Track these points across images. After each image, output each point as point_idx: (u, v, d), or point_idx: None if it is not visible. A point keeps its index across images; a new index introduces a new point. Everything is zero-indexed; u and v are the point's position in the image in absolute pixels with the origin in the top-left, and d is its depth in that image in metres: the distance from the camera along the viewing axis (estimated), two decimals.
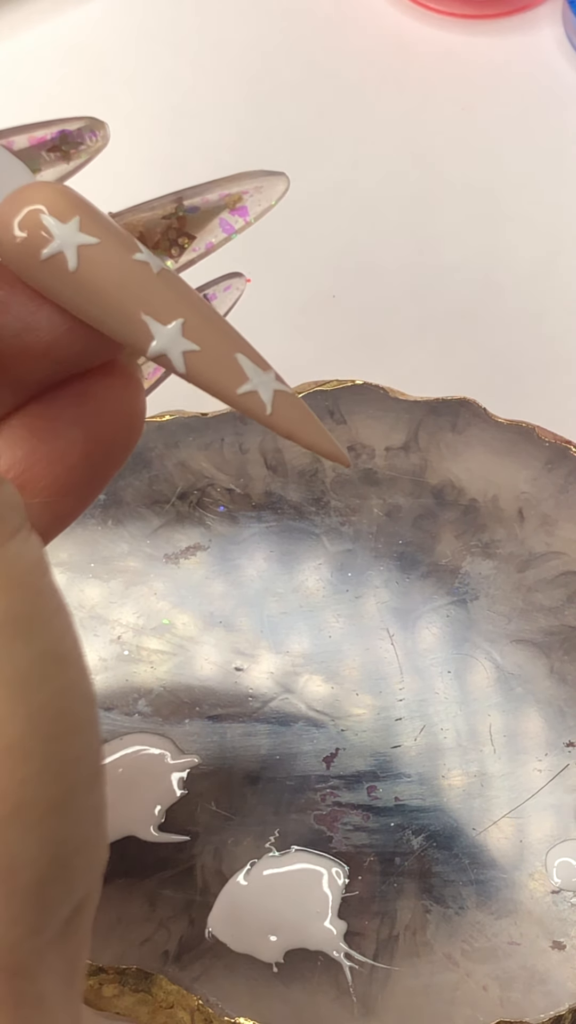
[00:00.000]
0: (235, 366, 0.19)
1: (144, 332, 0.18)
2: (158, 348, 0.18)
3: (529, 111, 0.45)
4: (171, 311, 0.18)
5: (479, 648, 0.31)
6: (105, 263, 0.18)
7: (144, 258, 0.18)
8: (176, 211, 0.21)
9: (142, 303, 0.18)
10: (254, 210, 0.22)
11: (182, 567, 0.32)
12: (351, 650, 0.31)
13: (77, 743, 0.16)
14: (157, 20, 0.47)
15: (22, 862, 0.15)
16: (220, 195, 0.21)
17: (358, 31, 0.47)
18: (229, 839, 0.29)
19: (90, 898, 0.17)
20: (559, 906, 0.28)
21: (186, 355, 0.18)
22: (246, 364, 0.19)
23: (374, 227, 0.42)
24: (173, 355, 0.18)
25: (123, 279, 0.18)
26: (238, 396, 0.19)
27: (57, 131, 0.21)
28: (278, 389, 0.19)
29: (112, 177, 0.43)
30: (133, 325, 0.18)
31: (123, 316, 0.18)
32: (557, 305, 0.40)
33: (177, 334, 0.18)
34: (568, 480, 0.33)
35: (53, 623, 0.17)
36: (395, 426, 0.33)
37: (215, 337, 0.18)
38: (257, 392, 0.19)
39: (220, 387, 0.18)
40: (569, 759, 0.29)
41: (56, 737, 0.16)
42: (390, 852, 0.28)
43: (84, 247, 0.18)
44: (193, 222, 0.21)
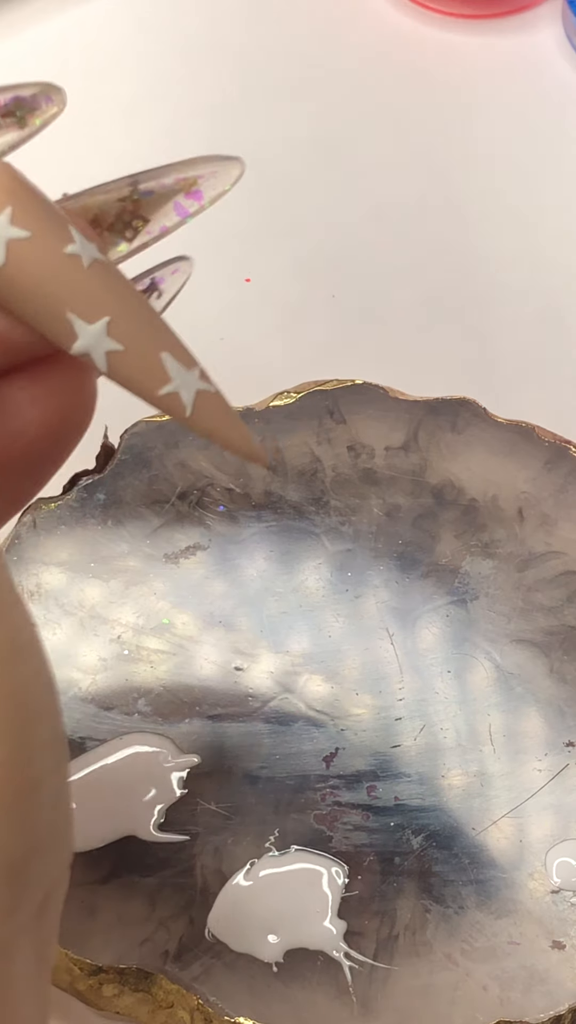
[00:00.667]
0: (158, 366, 0.18)
1: (68, 331, 0.18)
2: (81, 347, 0.18)
3: (529, 111, 0.45)
4: (97, 309, 0.18)
5: (479, 648, 0.31)
6: (34, 259, 0.18)
7: (76, 250, 0.18)
8: (131, 194, 0.21)
9: (68, 301, 0.18)
10: (208, 194, 0.21)
11: (182, 567, 0.32)
12: (351, 650, 0.31)
13: (43, 730, 0.16)
14: (157, 20, 0.47)
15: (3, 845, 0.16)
16: (175, 179, 0.21)
17: (358, 31, 0.47)
18: (229, 839, 0.29)
19: (58, 886, 0.17)
20: (559, 906, 0.28)
21: (109, 355, 0.18)
22: (170, 363, 0.19)
23: (374, 227, 0.42)
24: (96, 355, 0.18)
25: (51, 276, 0.18)
26: (159, 397, 0.19)
27: (11, 96, 0.21)
28: (201, 389, 0.19)
29: (109, 177, 0.43)
30: (57, 323, 0.18)
31: (48, 314, 0.18)
32: (557, 305, 0.40)
33: (101, 333, 0.18)
34: (568, 480, 0.33)
35: (12, 615, 0.17)
36: (395, 426, 0.33)
37: (141, 336, 0.18)
38: (178, 393, 0.19)
39: (141, 388, 0.18)
40: (569, 759, 0.29)
41: (23, 724, 0.16)
42: (390, 852, 0.28)
43: (14, 241, 0.17)
44: (147, 205, 0.21)
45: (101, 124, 0.45)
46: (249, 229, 0.42)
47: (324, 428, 0.33)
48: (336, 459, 0.33)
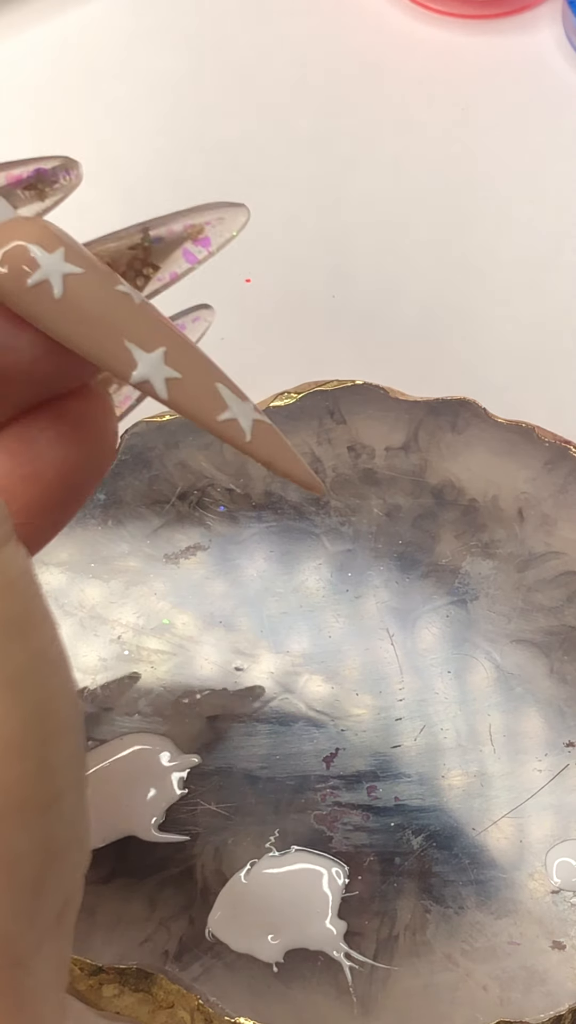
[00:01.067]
0: (215, 394, 0.19)
1: (127, 359, 0.18)
2: (141, 375, 0.19)
3: (529, 111, 0.45)
4: (153, 339, 0.19)
5: (479, 648, 0.31)
6: (89, 291, 0.18)
7: (126, 290, 0.19)
8: (142, 241, 0.22)
9: (126, 331, 0.18)
10: (216, 240, 0.22)
11: (182, 567, 0.32)
12: (351, 650, 0.31)
13: (68, 744, 0.17)
14: (157, 20, 0.47)
15: (21, 856, 0.16)
16: (184, 225, 0.22)
17: (358, 31, 0.47)
18: (229, 839, 0.29)
19: (76, 895, 0.18)
20: (559, 906, 0.28)
21: (168, 382, 0.19)
22: (225, 393, 0.19)
23: (374, 227, 0.42)
24: (156, 382, 0.19)
25: (107, 307, 0.18)
26: (218, 423, 0.19)
27: (33, 169, 0.22)
28: (257, 419, 0.20)
29: (112, 176, 0.43)
30: (117, 352, 0.18)
31: (107, 343, 0.18)
32: (557, 305, 0.40)
33: (159, 362, 0.19)
34: (568, 480, 0.33)
35: (44, 628, 0.17)
36: (395, 426, 0.33)
37: (196, 366, 0.19)
38: (237, 420, 0.19)
39: (201, 414, 0.19)
40: (569, 759, 0.29)
41: (49, 737, 0.16)
42: (390, 852, 0.28)
43: (69, 276, 0.18)
44: (157, 252, 0.22)
45: (101, 124, 0.45)
46: (249, 229, 0.42)
47: (324, 428, 0.33)
48: (336, 459, 0.33)
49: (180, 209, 0.22)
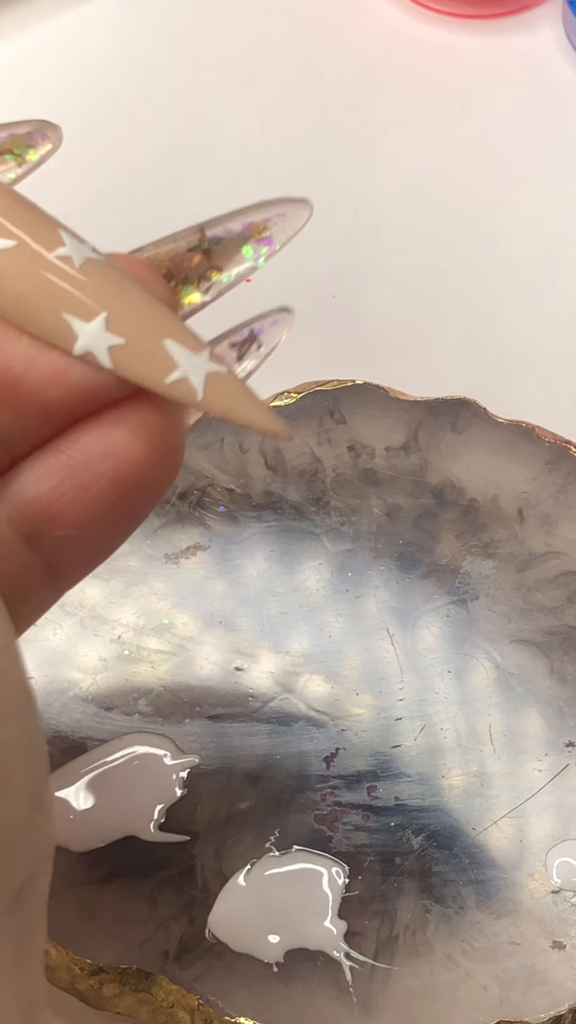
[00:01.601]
0: (162, 354, 0.18)
1: (67, 332, 0.18)
2: (83, 347, 0.18)
3: (529, 111, 0.45)
4: (93, 306, 0.18)
5: (479, 648, 0.31)
6: (20, 267, 0.17)
7: (67, 252, 0.18)
8: (200, 243, 0.21)
9: (62, 302, 0.17)
10: (279, 238, 0.21)
11: (182, 567, 0.32)
12: (351, 650, 0.31)
13: (9, 728, 0.16)
14: (157, 20, 0.47)
15: None
16: (243, 224, 0.21)
17: (358, 31, 0.47)
18: (229, 839, 0.29)
19: (37, 877, 0.17)
20: (559, 906, 0.28)
21: (112, 350, 0.18)
22: (175, 350, 0.18)
23: (374, 227, 0.42)
24: (99, 352, 0.18)
25: (41, 281, 0.17)
26: (167, 385, 0.18)
27: (7, 135, 0.21)
28: (211, 371, 0.18)
29: (112, 177, 0.43)
30: (55, 326, 0.17)
31: (43, 318, 0.17)
32: (557, 305, 0.40)
33: (100, 330, 0.18)
34: (568, 480, 0.33)
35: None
36: (395, 426, 0.33)
37: (141, 326, 0.18)
38: (187, 378, 0.18)
39: (148, 379, 0.18)
40: (569, 759, 0.29)
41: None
42: (390, 852, 0.28)
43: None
44: (219, 253, 0.21)
45: (101, 125, 0.45)
46: None
47: (324, 428, 0.33)
48: (336, 459, 0.33)
49: (238, 208, 0.21)
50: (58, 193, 0.44)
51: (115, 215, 0.42)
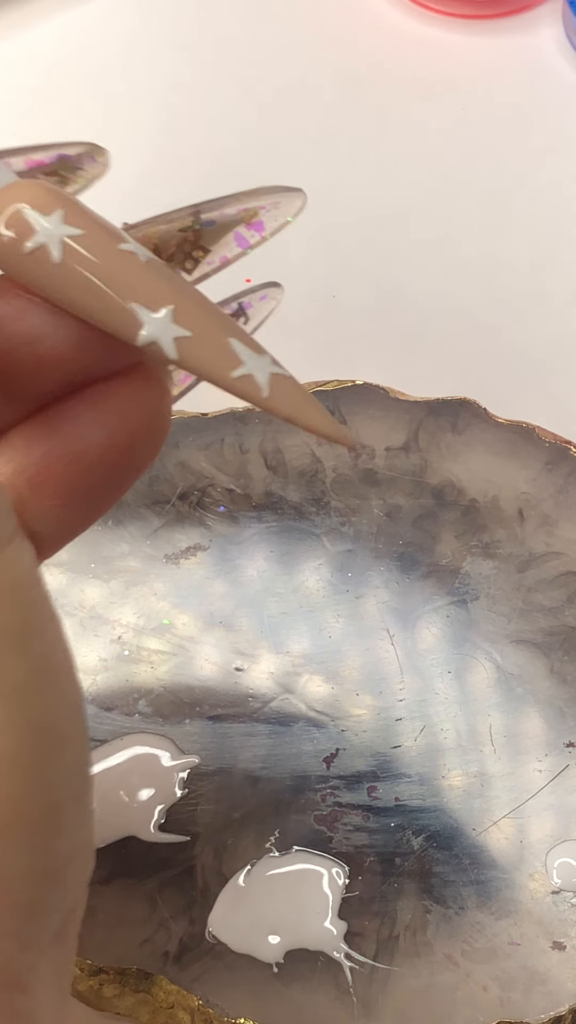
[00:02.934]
0: (228, 350, 0.18)
1: (132, 320, 0.17)
2: (148, 336, 0.18)
3: (529, 111, 0.45)
4: (160, 298, 0.18)
5: (479, 648, 0.31)
6: (90, 253, 0.17)
7: (131, 247, 0.18)
8: (193, 224, 0.21)
9: (129, 291, 0.17)
10: (270, 225, 0.21)
11: (182, 567, 0.32)
12: (351, 650, 0.31)
13: (68, 757, 0.16)
14: (157, 20, 0.47)
15: (15, 876, 0.15)
16: (237, 209, 0.21)
17: (358, 31, 0.47)
18: (229, 839, 0.29)
19: (78, 907, 0.17)
20: (559, 906, 0.28)
21: (178, 341, 0.18)
22: (240, 348, 0.18)
23: (374, 227, 0.42)
24: (164, 342, 0.18)
25: (108, 268, 0.17)
26: (233, 380, 0.18)
27: (56, 155, 0.21)
28: (274, 372, 0.18)
29: (110, 177, 0.43)
30: (120, 314, 0.17)
31: (109, 305, 0.17)
32: (557, 305, 0.40)
33: (167, 321, 0.18)
34: (568, 480, 0.33)
35: (46, 634, 0.16)
36: (395, 426, 0.33)
37: (207, 322, 0.18)
38: (252, 375, 0.18)
39: (214, 371, 0.18)
40: (569, 759, 0.29)
41: (48, 751, 0.16)
42: (390, 852, 0.28)
43: (68, 239, 0.17)
44: (208, 235, 0.21)
45: (101, 124, 0.45)
46: None
47: None
48: (336, 460, 0.33)
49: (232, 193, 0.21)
50: None
51: (115, 215, 0.42)
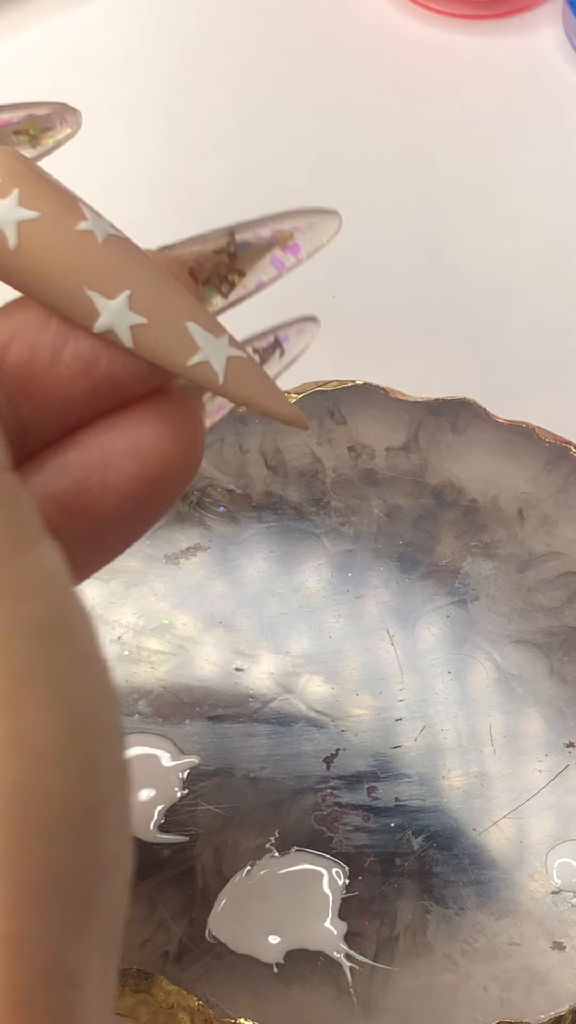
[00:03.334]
0: (185, 336, 0.18)
1: (89, 308, 0.17)
2: (105, 324, 0.17)
3: (529, 111, 0.45)
4: (117, 283, 0.17)
5: (479, 648, 0.31)
6: (46, 238, 0.17)
7: (89, 226, 0.17)
8: (227, 246, 0.20)
9: (85, 278, 0.17)
10: (306, 248, 0.21)
11: (182, 567, 0.32)
12: (351, 650, 0.31)
13: (111, 749, 0.16)
14: (157, 20, 0.47)
15: (68, 872, 0.15)
16: (272, 231, 0.21)
17: (357, 31, 0.47)
18: (229, 839, 0.29)
19: (122, 903, 0.17)
20: (559, 907, 0.28)
21: (133, 329, 0.18)
22: (197, 332, 0.18)
23: (373, 227, 0.42)
24: (120, 330, 0.17)
25: (65, 253, 0.17)
26: (189, 367, 0.18)
27: (25, 114, 0.21)
28: (231, 355, 0.18)
29: (111, 177, 0.43)
30: (78, 301, 0.17)
31: (66, 292, 0.17)
32: (558, 305, 0.40)
33: (123, 307, 0.17)
34: (568, 480, 0.33)
35: (82, 627, 0.16)
36: (395, 426, 0.33)
37: (164, 307, 0.18)
38: (208, 362, 0.18)
39: (170, 360, 0.18)
40: (569, 760, 0.29)
41: (92, 742, 0.16)
42: (390, 852, 0.28)
43: (24, 223, 0.17)
44: (244, 258, 0.21)
45: (100, 124, 0.45)
46: None
47: (324, 429, 0.33)
48: (336, 460, 0.33)
49: (267, 214, 0.21)
50: None
51: (115, 215, 0.42)
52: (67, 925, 0.15)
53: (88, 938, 0.15)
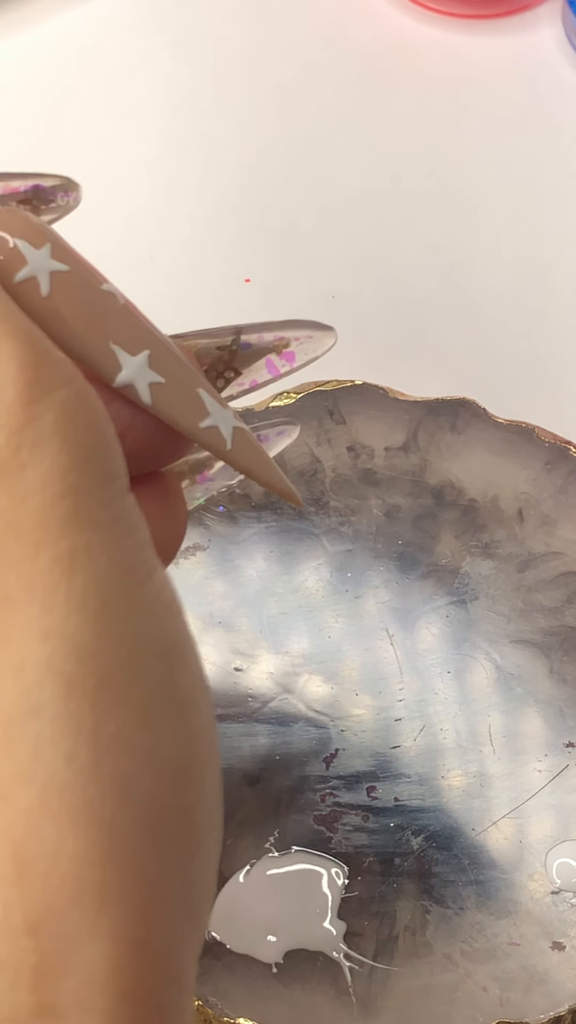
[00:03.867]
0: (197, 400, 0.19)
1: (113, 361, 0.18)
2: (126, 378, 0.18)
3: (528, 110, 0.45)
4: (138, 342, 0.18)
5: (479, 648, 0.31)
6: (75, 290, 0.18)
7: (110, 289, 0.18)
8: (231, 344, 0.22)
9: (111, 332, 0.18)
10: (300, 358, 0.22)
11: (182, 567, 0.32)
12: (351, 650, 0.31)
13: (217, 773, 0.17)
14: (157, 20, 0.47)
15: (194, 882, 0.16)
16: (274, 337, 0.22)
17: (357, 31, 0.47)
18: (228, 839, 0.29)
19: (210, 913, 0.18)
20: (559, 907, 0.28)
21: (152, 386, 0.18)
22: (207, 399, 0.19)
23: (373, 227, 0.42)
24: (140, 386, 0.18)
25: (93, 307, 0.18)
26: (200, 429, 0.19)
27: (31, 184, 0.21)
28: (236, 426, 0.19)
29: (110, 177, 0.43)
30: (102, 354, 0.18)
31: (93, 344, 0.18)
32: (556, 305, 0.40)
33: (144, 365, 0.18)
34: (568, 480, 0.33)
35: (196, 651, 0.17)
36: (394, 426, 0.33)
37: (179, 370, 0.19)
38: (218, 427, 0.19)
39: (184, 419, 0.19)
40: (569, 759, 0.29)
41: (208, 764, 0.16)
42: (390, 852, 0.28)
43: (56, 273, 0.18)
44: (242, 358, 0.22)
45: (99, 124, 0.45)
46: (249, 229, 0.42)
47: (324, 428, 0.33)
48: (336, 459, 0.33)
49: (273, 320, 0.22)
50: None
51: (114, 214, 0.42)
52: (184, 931, 0.16)
53: (196, 945, 0.16)
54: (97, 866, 0.15)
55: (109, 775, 0.15)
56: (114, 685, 0.15)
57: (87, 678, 0.15)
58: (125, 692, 0.15)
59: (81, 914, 0.15)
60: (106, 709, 0.15)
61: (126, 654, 0.15)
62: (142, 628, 0.16)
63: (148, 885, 0.15)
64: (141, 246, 0.41)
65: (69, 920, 0.14)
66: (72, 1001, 0.14)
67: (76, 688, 0.15)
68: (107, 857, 0.15)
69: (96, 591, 0.15)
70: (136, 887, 0.15)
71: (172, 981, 0.15)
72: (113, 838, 0.15)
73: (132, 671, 0.15)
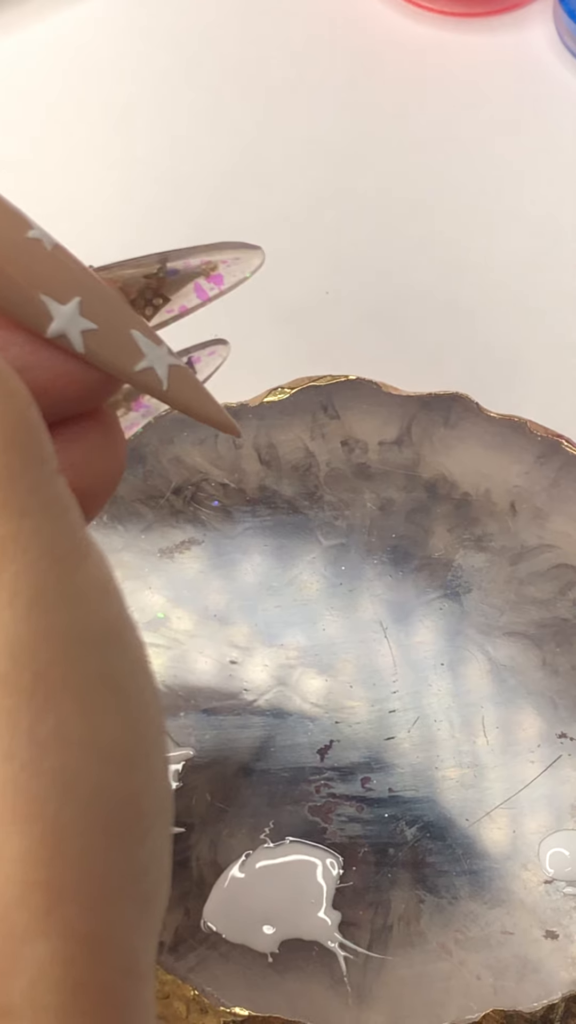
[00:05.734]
0: (131, 343, 0.19)
1: (43, 312, 0.18)
2: (57, 329, 0.18)
3: (520, 108, 0.45)
4: (68, 290, 0.18)
5: (472, 641, 0.31)
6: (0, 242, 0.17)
7: (37, 235, 0.18)
8: (158, 272, 0.21)
9: (39, 282, 0.18)
10: (228, 280, 0.22)
11: (177, 562, 0.32)
12: (345, 643, 0.31)
13: (164, 752, 0.17)
14: (157, 20, 0.48)
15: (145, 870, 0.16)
16: (200, 261, 0.22)
17: (351, 29, 0.47)
18: (224, 831, 0.29)
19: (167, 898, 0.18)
20: (552, 896, 0.28)
21: (85, 334, 0.18)
22: (141, 340, 0.19)
23: (367, 223, 0.42)
24: (72, 335, 0.18)
25: (18, 257, 0.18)
26: (135, 373, 0.19)
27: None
28: (172, 364, 0.19)
29: (110, 175, 0.43)
30: (32, 305, 0.18)
31: (22, 296, 0.18)
32: (550, 301, 0.40)
33: (75, 313, 0.18)
34: (560, 474, 0.33)
35: (135, 634, 0.17)
36: (388, 421, 0.34)
37: (111, 314, 0.18)
38: (153, 368, 0.19)
39: (118, 365, 0.19)
40: (561, 750, 0.30)
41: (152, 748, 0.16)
42: (384, 843, 0.29)
43: None
44: (170, 285, 0.21)
45: (98, 123, 0.45)
46: (245, 227, 0.42)
47: (318, 423, 0.34)
48: (330, 454, 0.33)
49: (198, 244, 0.22)
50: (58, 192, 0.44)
51: (114, 213, 0.42)
52: (137, 921, 0.15)
53: (151, 933, 0.16)
54: (43, 865, 0.14)
55: (50, 770, 0.14)
56: (50, 678, 0.15)
57: (22, 674, 0.15)
58: (62, 684, 0.15)
59: (30, 915, 0.14)
60: (44, 703, 0.15)
61: (62, 645, 0.15)
62: (77, 616, 0.15)
63: (97, 878, 0.15)
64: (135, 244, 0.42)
65: (18, 921, 0.14)
66: (25, 1000, 0.14)
67: (11, 685, 0.14)
68: (53, 855, 0.14)
69: (27, 583, 0.15)
70: (85, 881, 0.15)
71: (127, 972, 0.15)
72: (59, 834, 0.14)
73: (69, 662, 0.15)
